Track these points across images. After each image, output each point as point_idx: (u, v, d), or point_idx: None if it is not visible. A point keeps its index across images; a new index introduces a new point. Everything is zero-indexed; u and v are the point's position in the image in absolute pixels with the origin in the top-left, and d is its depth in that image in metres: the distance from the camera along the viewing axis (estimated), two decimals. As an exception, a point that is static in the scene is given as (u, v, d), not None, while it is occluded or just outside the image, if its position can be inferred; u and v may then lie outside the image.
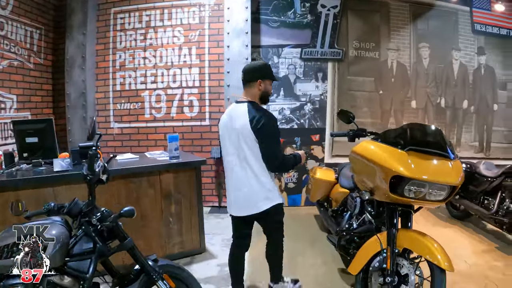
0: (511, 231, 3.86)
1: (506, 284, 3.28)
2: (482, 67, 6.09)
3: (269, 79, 2.66)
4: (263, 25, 5.45)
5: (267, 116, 2.53)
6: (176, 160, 3.65)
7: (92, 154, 1.96)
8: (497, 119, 6.22)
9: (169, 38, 5.30)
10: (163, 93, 5.35)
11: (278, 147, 2.60)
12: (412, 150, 2.43)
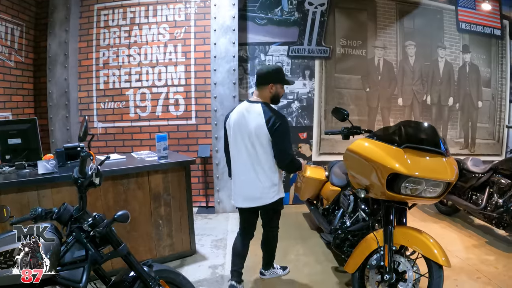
0: (500, 226, 3.93)
1: (499, 278, 3.35)
2: (467, 65, 6.21)
3: (280, 83, 2.86)
4: (250, 22, 5.42)
5: (281, 117, 2.76)
6: (165, 160, 3.58)
7: (84, 156, 1.89)
8: (481, 116, 6.37)
9: (154, 35, 5.22)
10: (148, 92, 5.27)
11: (290, 146, 2.82)
12: (408, 147, 2.45)
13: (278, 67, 2.90)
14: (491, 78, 6.37)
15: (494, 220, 3.95)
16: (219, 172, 5.23)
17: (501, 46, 6.40)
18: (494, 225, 3.98)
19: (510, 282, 3.28)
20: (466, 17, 6.17)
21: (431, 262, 2.40)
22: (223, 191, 5.25)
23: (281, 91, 2.89)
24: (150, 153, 4.05)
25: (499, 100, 6.43)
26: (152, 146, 5.08)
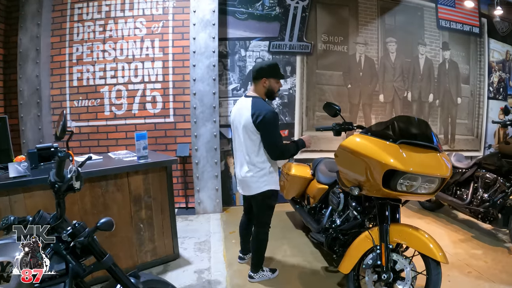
0: (486, 220, 4.00)
1: (489, 271, 3.41)
2: (446, 62, 6.31)
3: (273, 77, 3.01)
4: (230, 17, 5.31)
5: (266, 110, 2.87)
6: (145, 160, 3.42)
7: (62, 157, 1.70)
8: (460, 112, 6.50)
9: (130, 29, 5.01)
10: (124, 89, 5.07)
11: (277, 137, 2.92)
12: (403, 143, 2.44)
13: (273, 62, 3.10)
14: (469, 75, 6.51)
15: (480, 214, 4.02)
16: (199, 172, 5.12)
17: (480, 43, 6.55)
18: (480, 219, 4.05)
19: (501, 275, 3.34)
20: (446, 14, 6.27)
21: (429, 260, 2.39)
22: (203, 192, 5.15)
23: (275, 86, 3.04)
24: (128, 153, 3.91)
25: (478, 97, 6.59)
26: (128, 146, 4.92)
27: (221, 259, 3.73)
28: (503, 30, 6.90)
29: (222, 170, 5.36)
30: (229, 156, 5.50)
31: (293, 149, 3.03)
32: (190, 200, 5.26)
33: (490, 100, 6.76)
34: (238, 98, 5.39)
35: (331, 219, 3.38)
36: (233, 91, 5.44)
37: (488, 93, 6.68)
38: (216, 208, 5.20)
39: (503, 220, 3.85)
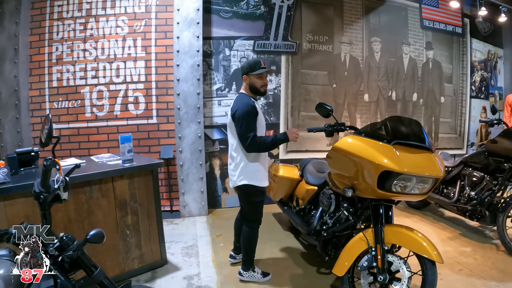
0: (473, 218, 4.07)
1: (480, 268, 3.47)
2: (430, 61, 6.40)
3: (252, 73, 3.07)
4: (215, 15, 5.23)
5: (241, 104, 3.02)
6: (130, 164, 3.32)
7: (48, 165, 1.60)
8: (443, 111, 6.60)
9: (112, 28, 4.86)
10: (106, 89, 4.91)
11: (247, 128, 2.97)
12: (397, 144, 2.45)
13: (252, 60, 3.26)
14: (452, 74, 6.62)
15: (468, 212, 4.09)
16: (184, 174, 5.03)
17: (462, 43, 6.67)
18: (468, 217, 4.11)
19: (491, 272, 3.40)
20: (429, 14, 6.36)
21: (424, 260, 2.40)
22: (188, 194, 5.06)
23: (256, 81, 3.09)
24: (112, 156, 3.79)
25: (460, 96, 6.71)
26: (110, 148, 4.79)
27: (210, 263, 3.67)
28: (485, 30, 7.05)
29: (207, 172, 5.29)
30: (214, 157, 5.43)
31: (270, 142, 3.03)
32: (174, 203, 5.16)
33: (473, 99, 6.90)
34: (223, 98, 5.41)
35: (322, 220, 3.35)
36: (217, 91, 5.37)
37: (470, 92, 6.82)
38: (201, 211, 5.13)
39: (490, 217, 3.92)
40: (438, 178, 2.45)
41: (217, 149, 5.44)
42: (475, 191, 4.09)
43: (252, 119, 2.98)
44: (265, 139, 3.02)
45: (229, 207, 5.48)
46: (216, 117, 5.39)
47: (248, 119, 2.97)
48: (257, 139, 2.97)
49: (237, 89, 5.46)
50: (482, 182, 4.06)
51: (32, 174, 3.04)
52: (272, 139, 3.02)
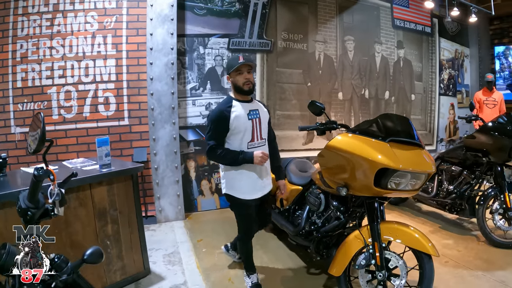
0: (453, 211, 4.22)
1: (464, 259, 3.59)
2: (401, 60, 6.55)
3: (232, 71, 2.80)
4: (189, 12, 5.06)
5: (214, 108, 2.96)
6: (108, 169, 3.11)
7: (39, 176, 1.39)
8: (414, 108, 6.77)
9: (80, 24, 4.55)
10: (74, 90, 4.61)
11: (208, 136, 2.83)
12: (391, 141, 2.46)
13: (231, 57, 3.30)
14: (422, 72, 6.80)
15: (447, 206, 4.24)
16: (159, 178, 4.84)
17: (431, 42, 6.89)
18: (447, 210, 4.26)
19: (476, 262, 3.53)
20: (400, 14, 6.52)
21: (421, 254, 2.45)
22: (164, 198, 4.87)
23: (237, 79, 2.81)
24: (86, 161, 3.55)
25: (430, 93, 6.93)
26: (80, 152, 4.51)
27: (196, 271, 3.52)
28: (452, 30, 7.32)
29: (183, 175, 5.11)
30: (189, 159, 5.26)
31: (229, 159, 2.80)
32: (149, 208, 4.95)
33: (441, 96, 7.14)
34: (197, 98, 5.25)
35: (310, 220, 3.32)
36: (191, 91, 5.21)
37: (439, 90, 7.03)
38: (178, 215, 4.95)
39: (469, 210, 4.08)
40: (430, 174, 2.49)
41: (192, 151, 5.28)
42: (453, 185, 4.24)
43: (216, 125, 2.77)
44: (226, 153, 2.79)
45: (205, 210, 5.34)
46: (190, 117, 5.22)
47: (211, 125, 2.79)
48: (216, 151, 2.78)
49: (211, 88, 5.33)
50: (460, 176, 4.21)
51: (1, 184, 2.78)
52: (233, 157, 2.78)
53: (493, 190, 3.91)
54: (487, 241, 3.91)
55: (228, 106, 2.78)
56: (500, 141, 3.79)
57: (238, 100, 2.83)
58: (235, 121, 2.75)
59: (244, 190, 2.89)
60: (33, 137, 1.58)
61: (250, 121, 2.82)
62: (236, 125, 2.75)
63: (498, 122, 3.95)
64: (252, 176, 2.90)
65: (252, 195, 2.91)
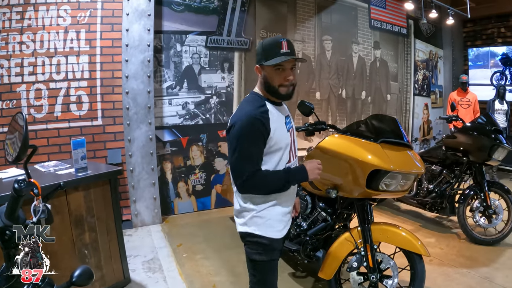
0: (433, 210, 4.36)
1: (448, 257, 3.72)
2: (377, 60, 6.66)
3: (267, 62, 1.85)
4: (166, 8, 4.92)
5: (240, 115, 1.86)
6: (85, 173, 2.95)
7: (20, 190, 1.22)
8: (390, 108, 6.89)
9: (52, 18, 4.29)
10: (45, 87, 4.36)
11: (240, 159, 1.84)
12: (383, 142, 2.50)
13: (268, 40, 1.92)
14: (398, 73, 6.93)
15: (428, 204, 4.37)
16: (135, 180, 4.68)
17: (407, 43, 7.04)
18: (428, 209, 4.40)
19: (459, 259, 3.67)
20: (377, 15, 6.63)
21: (413, 255, 2.50)
22: (140, 202, 4.72)
23: (273, 76, 1.88)
24: (60, 164, 3.35)
25: (405, 93, 7.09)
26: (51, 154, 4.29)
27: (178, 278, 3.42)
28: (427, 32, 7.52)
29: (159, 176, 4.98)
30: (165, 160, 5.14)
31: (277, 181, 1.89)
32: (125, 212, 4.78)
33: (416, 96, 7.32)
34: (173, 97, 5.11)
35: (296, 223, 3.30)
36: (167, 90, 5.08)
37: (414, 90, 7.19)
38: (155, 219, 4.82)
39: (450, 208, 4.22)
40: (419, 174, 2.58)
41: (169, 152, 5.16)
42: (433, 184, 4.37)
43: (253, 140, 1.84)
44: (269, 177, 1.89)
45: (182, 213, 5.25)
46: (166, 117, 5.10)
47: (244, 139, 1.83)
48: (257, 179, 1.85)
49: (188, 87, 5.21)
50: (440, 176, 4.35)
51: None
52: (283, 179, 1.90)
53: (473, 189, 4.06)
54: (468, 238, 4.06)
55: (262, 112, 1.87)
56: (480, 141, 3.94)
57: (270, 101, 1.95)
58: (276, 134, 1.89)
59: (279, 226, 2.02)
60: (11, 141, 1.42)
61: (289, 133, 2.02)
62: (277, 139, 1.90)
63: (477, 123, 4.11)
64: (287, 203, 2.06)
65: (284, 230, 2.06)
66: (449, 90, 7.73)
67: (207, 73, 5.30)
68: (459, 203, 4.10)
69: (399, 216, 4.88)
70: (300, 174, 1.94)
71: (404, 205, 5.02)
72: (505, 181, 6.32)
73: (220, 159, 5.50)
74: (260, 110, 1.87)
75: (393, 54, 6.85)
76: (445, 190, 4.26)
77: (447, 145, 4.29)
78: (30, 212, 1.34)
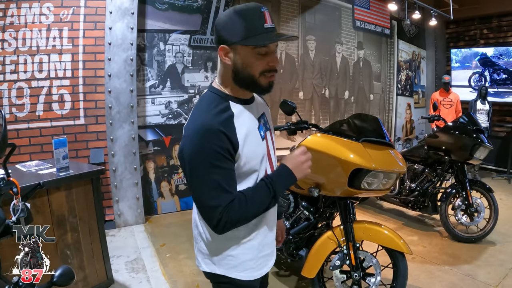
0: (416, 208, 4.49)
1: (430, 255, 3.85)
2: (360, 60, 6.82)
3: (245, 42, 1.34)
4: (149, 6, 4.97)
5: (188, 128, 1.39)
6: (66, 173, 2.99)
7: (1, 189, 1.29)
8: (373, 108, 7.08)
9: (35, 16, 4.31)
10: (27, 86, 4.37)
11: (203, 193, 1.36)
12: (365, 141, 2.55)
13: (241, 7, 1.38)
14: (381, 73, 7.12)
15: (410, 203, 4.51)
16: (117, 180, 4.73)
17: (390, 44, 7.23)
18: (410, 208, 4.54)
19: (442, 257, 3.81)
20: (361, 15, 6.79)
21: (395, 253, 2.57)
22: (123, 202, 4.77)
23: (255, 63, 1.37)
24: (41, 164, 3.38)
25: (388, 93, 7.28)
26: (33, 154, 4.31)
27: (162, 278, 3.49)
28: (410, 33, 7.74)
29: (142, 176, 5.03)
30: (148, 160, 5.20)
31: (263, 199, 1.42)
32: (107, 212, 4.82)
33: (399, 96, 7.53)
34: (156, 96, 5.18)
35: None
36: (150, 89, 5.14)
37: (397, 90, 7.40)
38: (138, 219, 4.88)
39: (432, 207, 4.36)
40: (401, 173, 2.61)
41: (151, 151, 5.22)
42: (416, 183, 4.51)
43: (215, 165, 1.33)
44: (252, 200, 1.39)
45: (166, 213, 5.30)
46: (149, 116, 5.16)
47: (204, 168, 1.34)
48: (237, 209, 1.36)
49: (171, 86, 5.28)
50: (422, 174, 4.49)
51: None
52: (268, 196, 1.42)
53: (455, 187, 4.20)
54: (450, 236, 4.22)
55: (225, 119, 1.38)
56: (461, 140, 4.07)
57: (237, 100, 1.47)
58: (246, 148, 1.41)
59: (260, 264, 1.62)
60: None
61: (264, 140, 1.54)
62: (248, 156, 1.43)
63: (459, 122, 4.24)
64: (269, 230, 1.64)
65: (266, 267, 1.66)
66: (431, 90, 7.99)
67: (190, 72, 5.38)
68: (441, 202, 4.24)
69: (382, 215, 5.03)
70: (285, 177, 1.47)
71: (387, 204, 5.16)
72: (487, 180, 6.61)
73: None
74: (221, 117, 1.37)
75: (376, 54, 7.05)
76: (428, 188, 4.39)
77: (429, 144, 4.43)
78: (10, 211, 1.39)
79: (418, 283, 3.33)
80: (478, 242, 4.14)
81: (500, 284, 3.32)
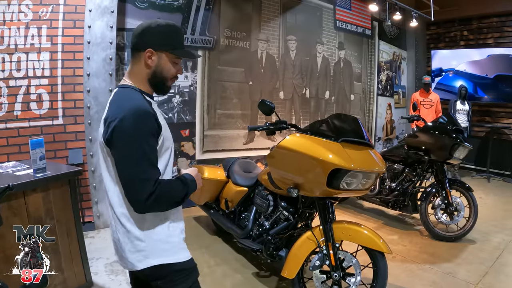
0: (396, 208, 4.71)
1: (411, 254, 4.02)
2: (341, 61, 7.13)
3: (169, 49, 1.72)
4: (129, 4, 5.13)
5: (127, 110, 1.58)
6: (43, 174, 3.03)
7: None
8: (353, 108, 7.41)
9: (13, 13, 4.42)
10: (4, 85, 4.47)
11: (140, 165, 1.56)
12: (344, 141, 2.64)
13: (169, 23, 1.77)
14: (362, 73, 7.46)
15: (390, 202, 4.73)
16: (96, 181, 4.87)
17: (371, 44, 7.57)
18: (390, 207, 4.76)
19: (422, 256, 4.00)
20: (342, 16, 7.10)
21: (375, 252, 2.69)
22: (103, 203, 4.91)
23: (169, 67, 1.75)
24: (18, 165, 3.42)
25: (368, 93, 7.63)
26: (11, 155, 4.43)
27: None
28: (391, 34, 8.11)
29: (121, 176, 5.18)
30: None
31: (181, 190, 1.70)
32: (86, 213, 4.97)
33: (379, 96, 7.89)
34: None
35: (258, 222, 3.46)
36: (130, 88, 5.29)
37: (377, 90, 7.76)
38: (117, 220, 5.03)
39: (412, 206, 4.60)
40: (381, 173, 2.76)
41: (131, 151, 5.36)
42: (396, 182, 4.74)
43: (151, 140, 1.62)
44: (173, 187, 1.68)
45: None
46: (128, 116, 5.30)
47: (143, 141, 1.59)
48: (164, 189, 1.60)
49: (152, 86, 5.43)
50: (402, 174, 4.72)
51: None
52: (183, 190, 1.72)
53: (435, 187, 4.43)
54: (430, 235, 4.44)
55: (150, 104, 1.72)
56: (441, 140, 4.30)
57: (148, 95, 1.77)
58: (164, 130, 1.73)
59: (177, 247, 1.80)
60: None
61: None
62: (165, 136, 1.74)
63: (439, 122, 4.47)
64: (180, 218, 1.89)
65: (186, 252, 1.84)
66: (412, 91, 8.38)
67: (170, 72, 5.55)
68: (421, 201, 4.45)
69: (362, 214, 5.26)
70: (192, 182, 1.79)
71: (367, 203, 5.39)
72: (466, 179, 6.97)
73: (183, 158, 5.75)
74: (147, 103, 1.66)
75: (357, 54, 7.38)
76: (407, 188, 4.62)
77: (409, 144, 4.65)
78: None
79: (398, 282, 3.41)
80: (458, 241, 4.33)
81: (480, 282, 3.45)
